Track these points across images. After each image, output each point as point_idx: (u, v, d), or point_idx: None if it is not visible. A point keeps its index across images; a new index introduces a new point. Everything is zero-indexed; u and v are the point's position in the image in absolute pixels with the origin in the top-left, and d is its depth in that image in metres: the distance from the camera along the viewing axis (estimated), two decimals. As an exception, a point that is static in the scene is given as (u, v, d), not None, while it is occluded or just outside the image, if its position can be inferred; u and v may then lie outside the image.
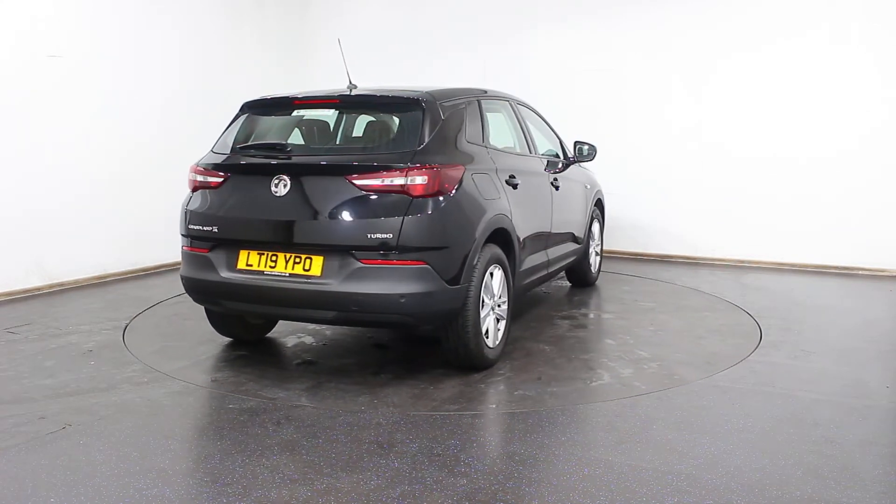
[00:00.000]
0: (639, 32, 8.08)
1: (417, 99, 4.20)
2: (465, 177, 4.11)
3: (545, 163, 5.52)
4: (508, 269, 4.49)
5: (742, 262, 7.84)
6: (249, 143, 4.38)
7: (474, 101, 4.66)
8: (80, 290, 6.56)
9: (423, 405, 3.78)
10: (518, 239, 4.63)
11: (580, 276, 6.60)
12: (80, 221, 6.71)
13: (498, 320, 4.43)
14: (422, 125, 4.08)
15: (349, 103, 4.57)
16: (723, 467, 3.05)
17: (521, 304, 6.05)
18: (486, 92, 5.11)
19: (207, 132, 5.04)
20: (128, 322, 5.43)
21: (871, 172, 7.15)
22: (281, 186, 4.00)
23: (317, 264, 3.92)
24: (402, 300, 3.81)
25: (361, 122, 4.79)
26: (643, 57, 8.06)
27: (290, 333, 5.19)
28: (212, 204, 4.24)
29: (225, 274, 4.14)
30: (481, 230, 4.13)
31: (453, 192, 4.00)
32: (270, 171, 4.08)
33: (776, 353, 4.68)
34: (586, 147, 6.01)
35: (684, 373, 4.26)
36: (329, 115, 4.75)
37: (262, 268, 4.05)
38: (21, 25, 6.19)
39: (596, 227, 6.73)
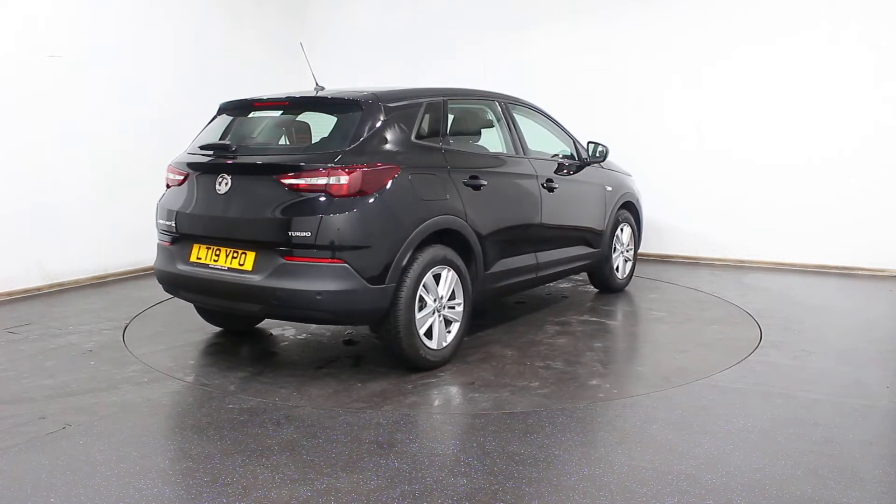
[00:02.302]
0: (639, 32, 8.07)
1: (357, 100, 4.29)
2: (400, 177, 4.14)
3: (539, 164, 5.40)
4: (464, 271, 4.48)
5: (742, 262, 7.84)
6: (204, 144, 4.57)
7: (437, 102, 4.65)
8: (80, 290, 6.56)
9: (335, 401, 3.84)
10: (480, 241, 4.60)
11: (601, 281, 6.38)
12: (81, 221, 6.72)
13: (449, 322, 4.43)
14: (357, 126, 4.18)
15: (297, 105, 4.66)
16: (723, 467, 3.05)
17: (527, 306, 6.04)
18: (462, 92, 5.13)
19: (207, 132, 5.20)
20: (128, 322, 5.43)
21: (872, 173, 7.14)
22: (223, 185, 4.23)
23: (249, 259, 4.12)
24: (319, 297, 3.91)
25: (319, 124, 4.83)
26: (643, 57, 8.06)
27: (277, 325, 5.31)
28: (174, 200, 4.52)
29: (180, 266, 4.42)
30: (417, 230, 4.14)
31: (380, 192, 4.04)
32: (216, 171, 4.32)
33: (776, 353, 4.68)
34: (599, 148, 5.93)
35: (630, 389, 4.08)
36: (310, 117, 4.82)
37: (207, 261, 4.30)
38: (21, 25, 6.20)
39: (626, 230, 6.47)
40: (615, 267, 6.37)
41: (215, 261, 4.26)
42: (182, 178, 4.51)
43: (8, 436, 3.38)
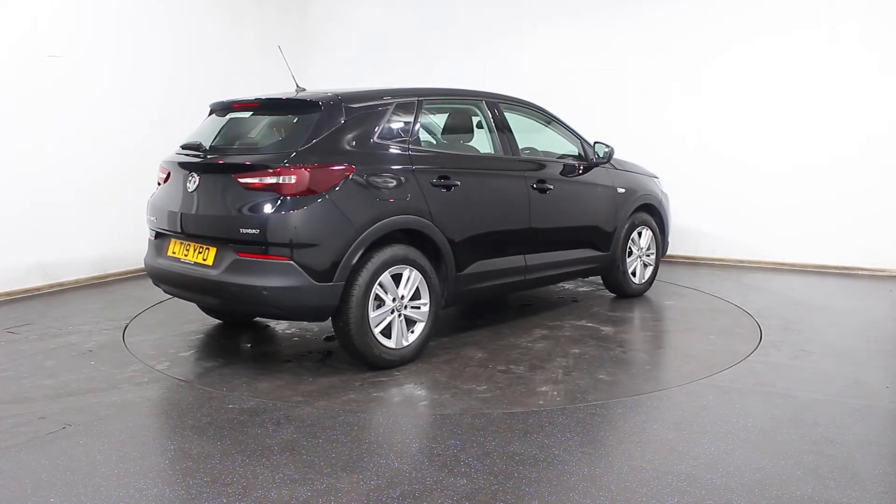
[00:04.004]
0: (639, 32, 8.07)
1: (317, 101, 4.38)
2: (353, 177, 4.19)
3: (530, 164, 5.29)
4: (430, 271, 4.47)
5: (742, 262, 7.84)
6: (183, 143, 4.76)
7: (409, 103, 4.67)
8: (80, 290, 6.56)
9: (275, 394, 3.94)
10: (449, 242, 4.59)
11: (615, 286, 6.18)
12: (81, 221, 6.72)
13: (413, 322, 4.44)
14: (314, 126, 4.27)
15: (266, 106, 4.74)
16: (723, 467, 3.05)
17: (530, 308, 6.00)
18: (443, 92, 5.13)
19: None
20: (128, 322, 5.43)
21: (872, 173, 7.14)
22: (192, 183, 4.41)
23: (211, 255, 4.29)
24: (265, 293, 4.03)
25: (280, 124, 4.90)
26: (643, 57, 8.06)
27: (274, 319, 5.41)
28: (159, 197, 4.77)
29: (160, 260, 4.67)
30: (370, 230, 4.17)
31: (329, 191, 4.10)
32: (188, 169, 4.50)
33: (776, 353, 4.68)
34: (604, 149, 5.80)
35: (576, 397, 3.87)
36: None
37: (180, 255, 4.52)
38: (21, 25, 6.20)
39: (646, 234, 6.25)
40: (630, 271, 6.14)
41: (185, 255, 4.46)
42: (165, 175, 4.74)
43: (8, 436, 3.38)
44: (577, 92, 8.22)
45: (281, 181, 4.05)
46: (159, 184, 4.82)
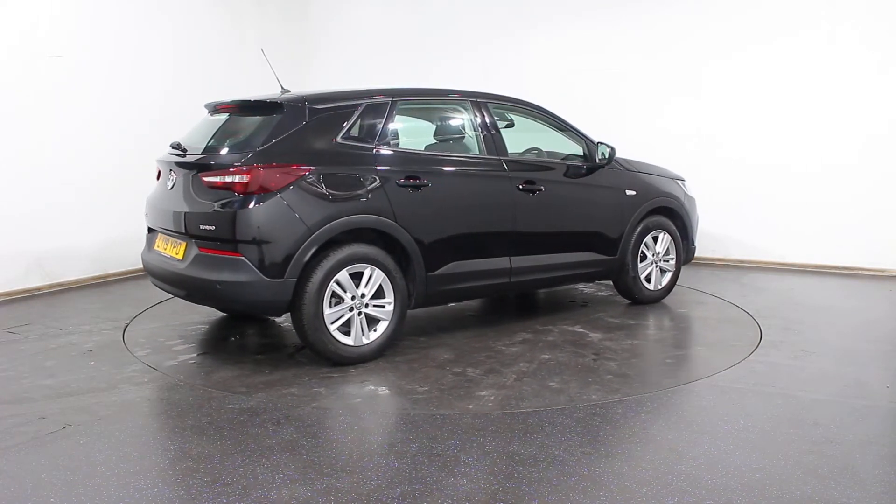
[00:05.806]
0: (639, 32, 8.07)
1: (280, 103, 4.51)
2: (308, 177, 4.28)
3: (518, 165, 5.19)
4: (394, 271, 4.48)
5: (742, 262, 7.84)
6: (172, 142, 4.91)
7: (381, 103, 4.68)
8: (80, 290, 6.56)
9: (226, 384, 4.08)
10: (417, 242, 4.58)
11: (625, 291, 5.95)
12: (81, 221, 6.72)
13: (376, 320, 4.47)
14: (275, 127, 4.40)
15: (242, 108, 4.83)
16: (723, 467, 3.05)
17: (534, 311, 5.97)
18: (423, 92, 5.15)
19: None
20: (128, 322, 5.43)
21: (872, 173, 7.14)
22: (170, 181, 4.63)
23: (181, 249, 4.50)
24: (219, 286, 4.21)
25: (251, 125, 4.94)
26: (643, 57, 8.06)
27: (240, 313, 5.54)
28: (151, 194, 5.04)
29: (149, 254, 4.90)
30: (323, 228, 4.25)
31: (281, 190, 4.21)
32: (169, 168, 4.71)
33: (776, 353, 4.68)
34: (606, 149, 5.62)
35: (515, 405, 3.77)
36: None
37: (161, 250, 4.74)
38: (22, 25, 6.20)
39: (663, 238, 5.98)
40: (642, 276, 5.89)
41: (165, 249, 4.67)
42: (157, 173, 4.99)
43: (8, 436, 3.38)
44: (576, 92, 8.21)
45: (235, 180, 4.20)
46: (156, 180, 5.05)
